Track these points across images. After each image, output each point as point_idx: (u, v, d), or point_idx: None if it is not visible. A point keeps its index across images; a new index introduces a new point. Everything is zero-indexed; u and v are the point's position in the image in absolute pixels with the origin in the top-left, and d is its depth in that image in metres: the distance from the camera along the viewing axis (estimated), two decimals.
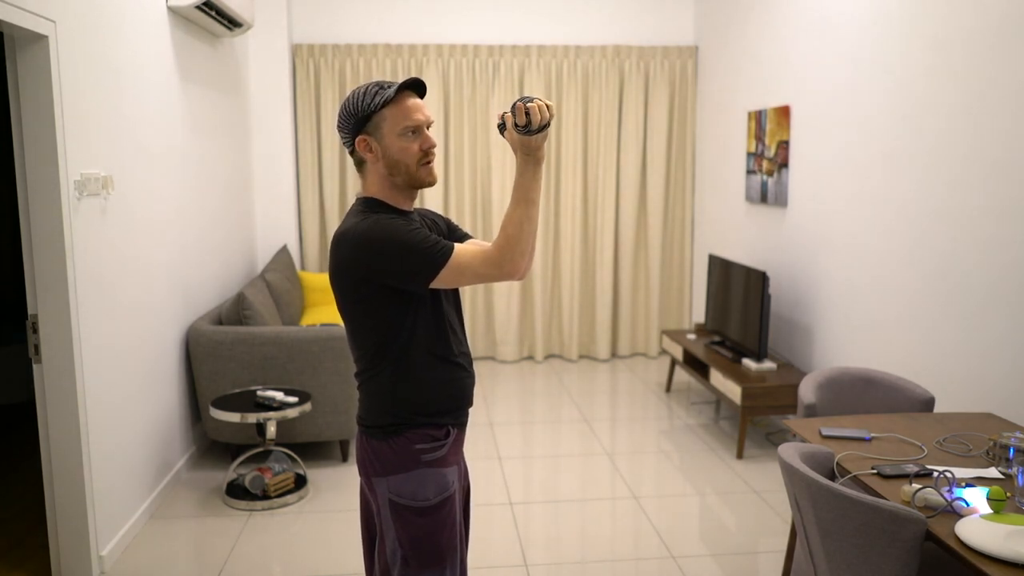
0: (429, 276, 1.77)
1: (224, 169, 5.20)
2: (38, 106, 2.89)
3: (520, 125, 1.74)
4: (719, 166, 6.02)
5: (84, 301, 3.12)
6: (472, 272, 1.77)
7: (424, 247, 1.76)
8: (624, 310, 6.63)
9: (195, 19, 4.45)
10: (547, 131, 1.76)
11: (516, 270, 1.77)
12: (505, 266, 1.76)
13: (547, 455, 4.52)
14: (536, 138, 1.75)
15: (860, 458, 2.44)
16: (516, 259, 1.77)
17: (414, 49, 6.22)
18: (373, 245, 1.76)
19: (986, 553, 1.86)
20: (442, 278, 1.78)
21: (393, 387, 1.87)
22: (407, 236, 1.76)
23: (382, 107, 1.82)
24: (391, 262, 1.76)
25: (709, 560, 3.33)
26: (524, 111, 1.72)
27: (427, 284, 1.79)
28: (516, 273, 1.77)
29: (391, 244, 1.76)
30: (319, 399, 4.25)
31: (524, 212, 1.77)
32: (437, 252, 1.77)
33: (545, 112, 1.73)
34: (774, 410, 4.40)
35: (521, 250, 1.77)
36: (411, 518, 1.88)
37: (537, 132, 1.74)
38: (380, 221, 1.78)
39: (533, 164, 1.78)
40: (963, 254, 3.33)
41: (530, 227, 1.78)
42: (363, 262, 1.78)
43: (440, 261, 1.76)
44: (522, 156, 1.78)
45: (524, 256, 1.77)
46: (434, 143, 1.87)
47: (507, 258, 1.76)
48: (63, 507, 3.10)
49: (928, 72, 3.54)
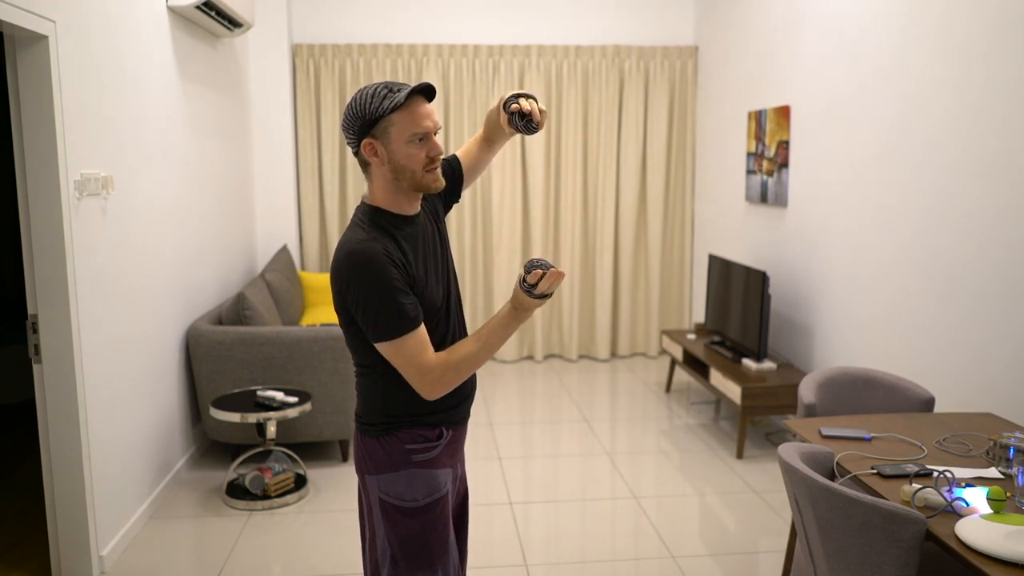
0: (377, 338, 1.78)
1: (224, 169, 5.20)
2: (38, 106, 2.89)
3: (528, 283, 1.77)
4: (719, 166, 6.02)
5: (84, 301, 3.12)
6: (404, 361, 1.79)
7: (392, 313, 1.75)
8: (624, 310, 6.63)
9: (195, 19, 4.45)
10: (545, 299, 1.80)
11: (432, 393, 1.81)
12: (427, 383, 1.80)
13: (547, 455, 4.52)
14: (528, 301, 1.79)
15: (860, 458, 2.44)
16: (440, 385, 1.80)
17: (414, 49, 6.22)
18: (356, 277, 1.75)
19: (986, 553, 1.86)
20: (383, 347, 1.78)
21: (386, 386, 1.87)
22: (386, 293, 1.75)
23: (391, 112, 1.78)
24: (357, 303, 1.76)
25: (709, 560, 3.33)
26: (539, 275, 1.76)
27: (373, 342, 1.80)
28: (430, 395, 1.81)
29: (368, 290, 1.75)
30: (319, 399, 4.25)
31: (477, 352, 1.81)
32: (399, 323, 1.76)
33: (551, 284, 1.76)
34: (774, 410, 4.40)
35: (451, 379, 1.81)
36: (399, 518, 1.88)
37: (537, 297, 1.78)
38: (376, 258, 1.75)
39: (514, 320, 1.81)
40: (963, 254, 3.33)
41: (471, 367, 1.82)
42: (341, 289, 1.79)
43: (395, 332, 1.76)
44: (511, 307, 1.81)
45: (449, 387, 1.82)
46: (441, 150, 1.85)
47: (435, 377, 1.80)
48: (63, 507, 3.10)
49: (928, 72, 3.54)
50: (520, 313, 1.81)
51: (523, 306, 1.80)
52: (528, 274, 1.77)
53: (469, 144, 2.18)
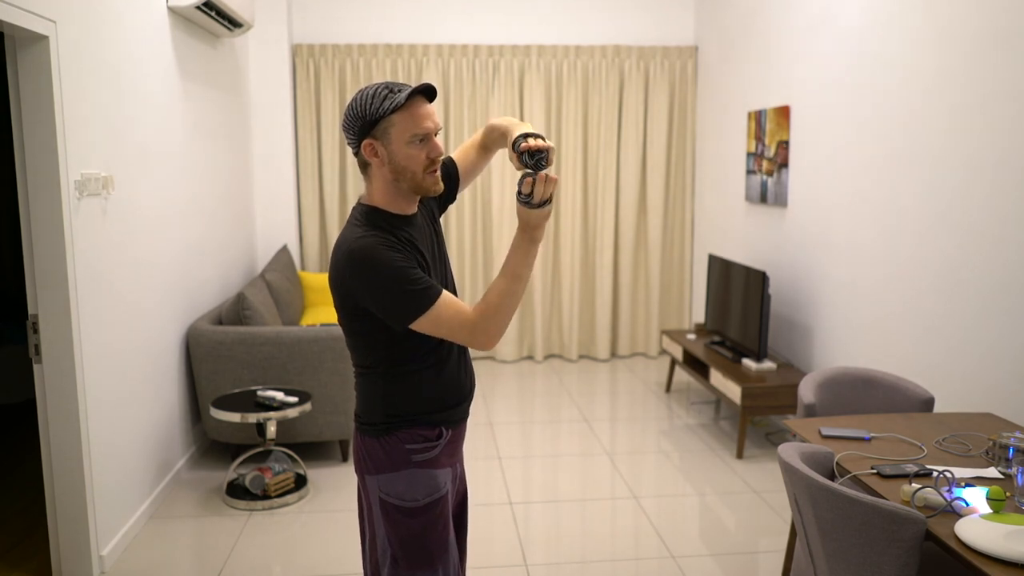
0: (408, 320, 1.75)
1: (224, 169, 5.20)
2: (38, 106, 2.89)
3: (523, 193, 1.74)
4: (719, 166, 6.02)
5: (84, 301, 3.12)
6: (447, 328, 1.76)
7: (410, 290, 1.73)
8: (624, 310, 6.63)
9: (195, 19, 4.45)
10: (547, 210, 1.75)
11: (488, 341, 1.77)
12: (478, 335, 1.76)
13: (547, 455, 4.52)
14: (533, 214, 1.75)
15: (860, 458, 2.45)
16: (491, 330, 1.77)
17: (414, 49, 6.22)
18: (361, 274, 1.73)
19: (986, 553, 1.87)
20: (420, 324, 1.76)
21: (385, 386, 1.87)
22: (396, 275, 1.73)
23: (392, 112, 1.77)
24: (374, 298, 1.74)
25: (709, 560, 3.33)
26: (531, 183, 1.72)
27: (406, 326, 1.77)
28: (487, 344, 1.77)
29: (378, 280, 1.73)
30: (319, 399, 4.25)
31: (508, 285, 1.77)
32: (421, 296, 1.74)
33: (545, 189, 1.72)
34: (774, 410, 4.40)
35: (498, 322, 1.77)
36: (399, 518, 1.87)
37: (536, 207, 1.74)
38: (375, 249, 1.74)
39: (528, 241, 1.78)
40: (963, 253, 3.33)
41: (511, 301, 1.78)
42: (349, 286, 1.76)
43: (423, 306, 1.74)
44: (520, 229, 1.78)
45: (500, 329, 1.78)
46: (442, 151, 1.84)
47: (482, 327, 1.76)
48: (63, 507, 3.11)
49: (928, 72, 3.54)
50: (531, 232, 1.77)
51: (530, 223, 1.76)
52: (521, 184, 1.74)
53: (466, 147, 2.18)
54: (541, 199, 1.73)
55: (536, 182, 1.72)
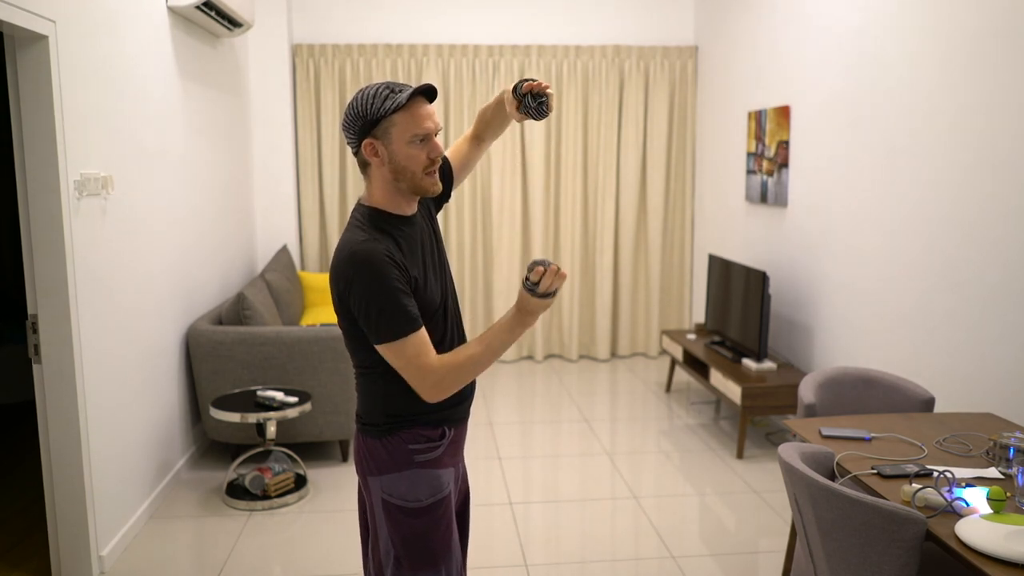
0: (378, 339, 1.77)
1: (224, 169, 5.20)
2: (38, 106, 2.89)
3: (531, 281, 1.76)
4: (719, 166, 6.02)
5: (84, 301, 3.12)
6: (406, 363, 1.77)
7: (394, 314, 1.74)
8: (624, 310, 6.63)
9: (195, 19, 4.45)
10: (549, 301, 1.77)
11: (439, 394, 1.78)
12: (430, 386, 1.77)
13: (547, 455, 4.52)
14: (534, 302, 1.76)
15: (860, 458, 2.44)
16: (445, 385, 1.77)
17: (414, 49, 6.22)
18: (358, 277, 1.75)
19: (986, 553, 1.86)
20: (385, 348, 1.77)
21: (387, 387, 1.87)
22: (387, 293, 1.74)
23: (393, 112, 1.78)
24: (358, 303, 1.75)
25: (709, 560, 3.33)
26: (541, 272, 1.74)
27: (374, 343, 1.79)
28: (435, 397, 1.78)
29: (368, 289, 1.74)
30: (319, 399, 4.25)
31: (481, 355, 1.78)
32: (402, 324, 1.75)
33: (553, 282, 1.75)
34: (774, 410, 4.40)
35: (456, 381, 1.79)
36: (403, 519, 1.87)
37: (540, 296, 1.76)
38: (377, 257, 1.75)
39: (518, 323, 1.79)
40: (963, 253, 3.33)
41: (476, 369, 1.79)
42: (342, 290, 1.78)
43: (397, 334, 1.75)
44: (515, 310, 1.79)
45: (453, 389, 1.79)
46: (441, 151, 1.85)
47: (438, 379, 1.77)
48: (63, 507, 3.10)
49: (928, 72, 3.54)
50: (524, 316, 1.78)
51: (527, 308, 1.78)
52: (531, 272, 1.76)
53: (458, 143, 2.19)
54: (546, 291, 1.76)
55: (547, 273, 1.74)
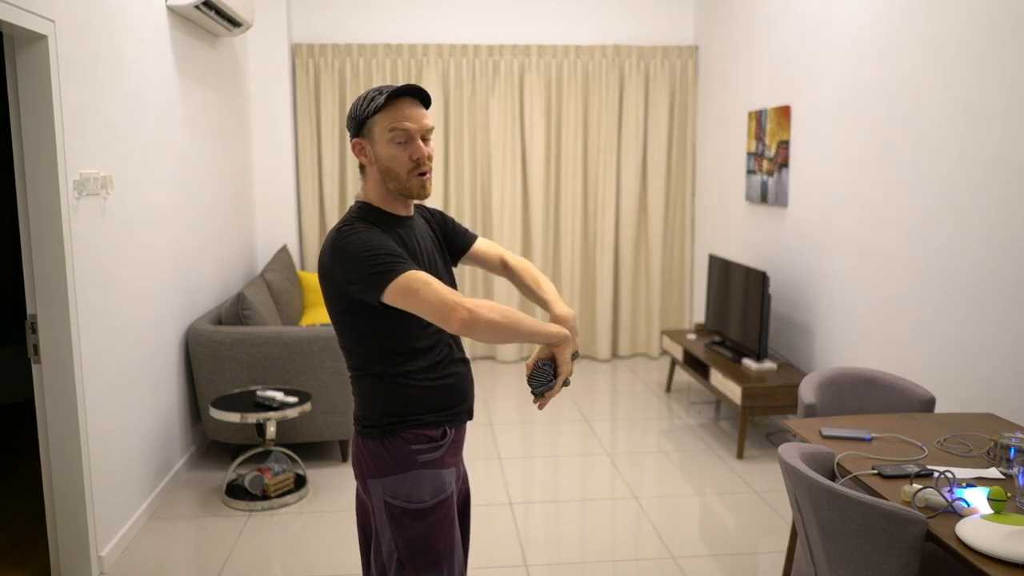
0: (378, 292, 1.72)
1: (224, 169, 5.20)
2: (38, 106, 2.89)
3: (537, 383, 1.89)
4: (719, 166, 6.01)
5: (83, 301, 3.12)
6: (419, 302, 1.69)
7: (382, 257, 1.72)
8: (624, 310, 6.63)
9: (195, 19, 4.45)
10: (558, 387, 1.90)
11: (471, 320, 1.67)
12: (461, 313, 1.67)
13: (547, 455, 4.52)
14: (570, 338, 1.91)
15: (860, 458, 2.44)
16: (476, 313, 1.68)
17: (414, 49, 6.21)
18: (339, 258, 1.75)
19: (986, 553, 1.86)
20: (391, 295, 1.71)
21: (386, 387, 1.86)
22: (367, 248, 1.73)
23: (375, 113, 1.83)
24: (347, 272, 1.74)
25: (709, 560, 3.33)
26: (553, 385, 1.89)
27: (377, 297, 1.73)
28: (467, 319, 1.67)
29: (352, 256, 1.73)
30: (319, 399, 4.25)
31: (512, 321, 1.73)
32: (393, 264, 1.71)
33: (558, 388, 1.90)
34: (774, 410, 4.40)
35: (488, 310, 1.69)
36: (406, 520, 1.86)
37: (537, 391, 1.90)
38: (354, 233, 1.76)
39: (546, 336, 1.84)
40: (963, 253, 3.33)
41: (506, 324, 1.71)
42: (335, 277, 1.77)
43: (390, 275, 1.69)
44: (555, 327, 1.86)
45: (487, 317, 1.69)
46: (425, 153, 1.84)
47: (472, 305, 1.68)
48: (63, 507, 3.10)
49: (928, 72, 3.54)
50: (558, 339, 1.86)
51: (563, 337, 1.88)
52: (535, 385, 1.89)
53: (495, 246, 2.18)
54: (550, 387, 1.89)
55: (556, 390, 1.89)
